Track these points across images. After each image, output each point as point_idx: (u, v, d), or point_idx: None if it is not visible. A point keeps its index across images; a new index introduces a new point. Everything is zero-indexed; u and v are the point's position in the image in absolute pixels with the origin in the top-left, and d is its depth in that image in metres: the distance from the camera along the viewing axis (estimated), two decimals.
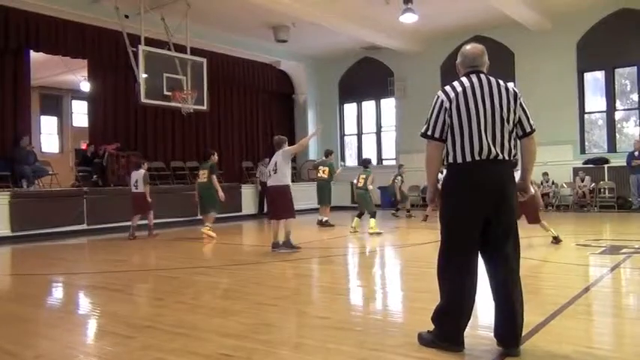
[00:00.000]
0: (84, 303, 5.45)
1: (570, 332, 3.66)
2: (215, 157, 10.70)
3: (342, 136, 19.96)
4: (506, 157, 3.25)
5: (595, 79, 15.51)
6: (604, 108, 15.11)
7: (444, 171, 3.45)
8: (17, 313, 4.76)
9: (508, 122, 3.26)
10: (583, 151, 15.20)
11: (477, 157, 3.20)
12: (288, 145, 8.45)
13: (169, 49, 12.70)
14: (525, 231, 9.65)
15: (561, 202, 14.93)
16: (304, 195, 14.58)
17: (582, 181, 14.44)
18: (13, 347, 3.66)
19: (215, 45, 15.48)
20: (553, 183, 14.87)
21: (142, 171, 10.75)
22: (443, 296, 3.36)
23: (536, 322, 3.77)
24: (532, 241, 8.56)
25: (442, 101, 3.30)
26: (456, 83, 3.36)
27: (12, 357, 3.47)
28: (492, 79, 3.36)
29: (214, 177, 10.34)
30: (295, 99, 19.91)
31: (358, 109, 19.71)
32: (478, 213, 3.22)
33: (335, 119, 19.88)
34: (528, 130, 3.36)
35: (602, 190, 14.50)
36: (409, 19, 13.29)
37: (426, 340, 3.39)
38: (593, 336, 3.76)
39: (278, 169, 8.14)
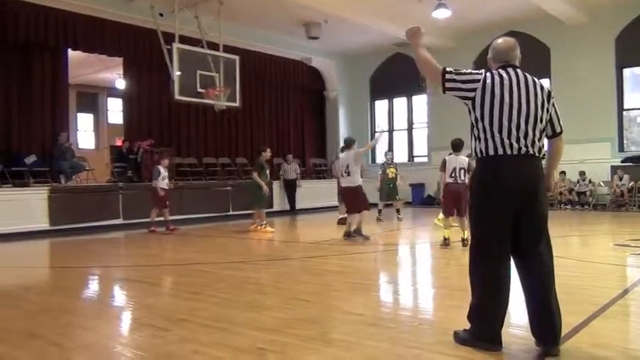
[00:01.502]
0: (121, 296, 5.57)
1: (610, 333, 3.58)
2: (264, 154, 10.90)
3: (373, 133, 19.88)
4: (537, 154, 3.21)
5: (634, 75, 15.08)
6: None
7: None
8: (58, 305, 4.89)
9: (541, 121, 3.23)
10: (622, 148, 14.80)
11: (508, 152, 3.14)
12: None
13: (203, 47, 12.84)
14: (561, 230, 9.49)
15: (598, 202, 14.58)
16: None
17: (621, 179, 14.07)
18: (57, 338, 3.77)
19: (247, 42, 15.58)
20: (590, 182, 14.53)
21: (155, 166, 11.08)
22: (474, 287, 3.31)
23: (576, 323, 3.70)
24: (568, 240, 8.40)
25: (485, 78, 3.24)
26: (494, 72, 3.30)
27: (56, 347, 3.57)
28: (528, 76, 3.30)
29: (254, 173, 10.60)
30: (326, 95, 19.91)
31: (389, 105, 19.61)
32: (506, 208, 3.16)
33: (366, 116, 19.83)
34: (558, 130, 3.35)
35: None
36: (442, 14, 13.17)
37: (462, 339, 3.34)
38: (633, 337, 3.67)
39: (350, 172, 8.80)
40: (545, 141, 3.34)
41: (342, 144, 17.72)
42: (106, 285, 6.16)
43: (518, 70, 3.32)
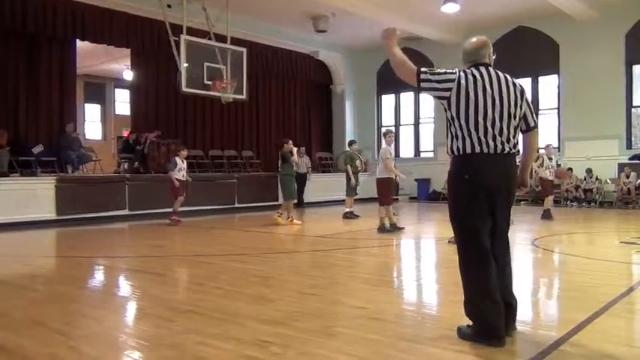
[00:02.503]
0: (126, 286, 5.60)
1: (615, 331, 3.57)
2: (287, 146, 11.01)
3: (380, 127, 19.84)
4: (512, 151, 3.31)
5: None
6: None
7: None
8: (64, 294, 4.92)
9: (515, 117, 3.32)
10: (629, 146, 14.70)
11: (485, 150, 3.24)
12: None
13: (210, 39, 12.82)
14: (567, 227, 9.45)
15: (605, 199, 14.51)
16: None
17: (628, 177, 14.00)
18: (62, 327, 3.79)
19: (255, 35, 15.57)
20: (597, 179, 14.46)
21: (172, 158, 11.15)
22: (469, 285, 3.34)
23: (581, 320, 3.69)
24: (574, 238, 8.38)
25: (459, 78, 3.29)
26: (467, 71, 3.36)
27: (61, 336, 3.59)
28: (500, 74, 3.37)
29: (283, 164, 10.90)
30: (333, 89, 19.87)
31: (396, 100, 19.55)
32: (486, 203, 3.27)
33: (373, 110, 19.79)
34: (532, 124, 3.45)
35: None
36: (451, 8, 13.11)
37: (465, 335, 3.35)
38: (638, 335, 3.67)
39: (379, 163, 9.46)
40: (520, 137, 3.43)
41: (349, 138, 17.83)
42: (112, 275, 6.20)
43: (490, 69, 3.39)
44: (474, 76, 3.30)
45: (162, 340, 3.47)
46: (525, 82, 16.23)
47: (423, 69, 3.38)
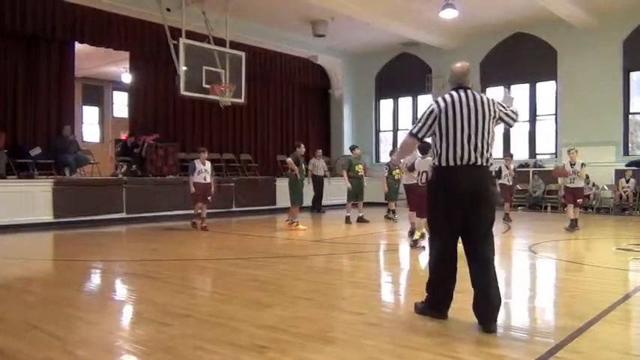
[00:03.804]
0: (123, 290, 5.59)
1: (611, 337, 3.58)
2: (299, 150, 10.90)
3: (378, 131, 19.86)
4: (484, 164, 3.80)
5: None
6: None
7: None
8: (61, 298, 4.91)
9: (489, 133, 3.82)
10: (626, 152, 14.74)
11: (459, 162, 3.75)
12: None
13: (209, 43, 12.84)
14: (564, 233, 9.46)
15: (602, 205, 14.54)
16: (338, 190, 14.45)
17: (627, 181, 14.00)
18: (58, 331, 3.78)
19: (254, 39, 15.58)
20: (594, 185, 14.49)
21: (192, 161, 10.77)
22: (430, 265, 4.03)
23: (578, 327, 3.69)
24: (570, 244, 8.39)
25: (433, 109, 3.86)
26: (446, 96, 3.89)
27: (57, 340, 3.58)
28: (477, 95, 3.89)
29: (296, 167, 10.64)
30: (332, 94, 19.89)
31: (395, 105, 19.57)
32: (456, 209, 3.77)
33: (371, 115, 19.80)
34: (512, 123, 4.05)
35: None
36: (449, 14, 13.13)
37: (419, 309, 4.05)
38: (634, 342, 3.67)
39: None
40: (492, 151, 3.91)
41: (347, 142, 17.75)
42: (108, 279, 6.18)
43: (468, 91, 3.90)
44: (451, 96, 3.85)
45: (158, 344, 3.47)
46: (523, 88, 16.32)
47: (410, 131, 4.00)
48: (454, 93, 3.87)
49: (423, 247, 7.65)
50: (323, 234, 9.95)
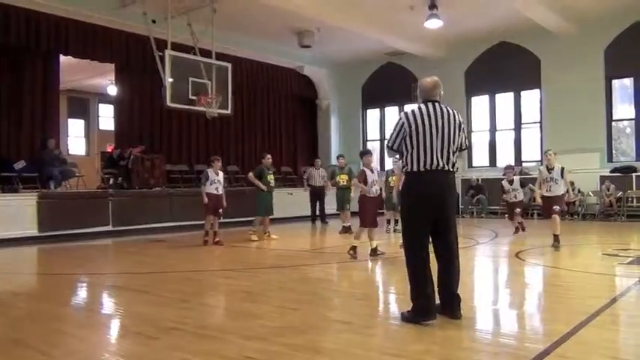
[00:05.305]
0: (109, 303, 5.52)
1: (599, 342, 3.60)
2: (264, 161, 10.90)
3: (365, 141, 19.93)
4: (450, 169, 4.21)
5: (623, 86, 15.24)
6: (633, 115, 14.82)
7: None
8: (46, 312, 4.84)
9: (454, 142, 4.22)
10: (610, 159, 14.93)
11: (428, 168, 4.13)
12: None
13: (195, 54, 12.82)
14: (550, 239, 9.52)
15: (587, 211, 14.68)
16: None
17: (608, 189, 14.18)
18: (44, 345, 3.73)
19: (240, 50, 15.58)
20: (579, 191, 14.63)
21: (205, 170, 10.35)
22: (409, 273, 4.22)
23: (566, 331, 3.71)
24: (557, 250, 8.44)
25: (403, 122, 4.24)
26: (415, 109, 4.25)
27: (43, 355, 3.53)
28: (444, 108, 4.24)
29: (250, 174, 10.74)
30: (318, 104, 19.94)
31: (381, 114, 19.67)
32: (427, 209, 4.16)
33: (358, 125, 19.87)
34: (464, 147, 4.38)
35: (629, 199, 14.21)
36: (434, 24, 13.26)
37: (407, 318, 4.09)
38: (621, 347, 3.69)
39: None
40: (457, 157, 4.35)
41: (335, 152, 17.76)
42: (95, 292, 6.11)
43: (436, 104, 4.24)
44: (420, 109, 4.22)
45: (145, 357, 3.43)
46: (508, 97, 16.51)
47: (386, 144, 4.46)
48: (422, 106, 4.24)
49: (383, 253, 7.99)
50: (310, 244, 9.92)
